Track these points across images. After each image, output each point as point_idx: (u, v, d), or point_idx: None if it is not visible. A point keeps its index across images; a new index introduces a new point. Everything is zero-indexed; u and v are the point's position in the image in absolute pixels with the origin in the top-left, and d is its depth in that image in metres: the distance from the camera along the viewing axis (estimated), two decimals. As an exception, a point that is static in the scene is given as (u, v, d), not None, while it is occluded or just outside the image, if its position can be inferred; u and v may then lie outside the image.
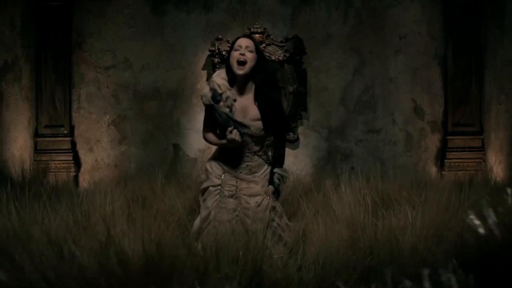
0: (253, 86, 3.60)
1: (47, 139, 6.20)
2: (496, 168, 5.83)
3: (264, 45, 6.12)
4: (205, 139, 3.78)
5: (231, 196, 3.54)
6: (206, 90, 3.57)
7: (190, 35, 6.28)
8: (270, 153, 3.66)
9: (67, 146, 6.20)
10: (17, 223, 3.04)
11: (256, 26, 6.12)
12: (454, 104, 6.29)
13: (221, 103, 3.48)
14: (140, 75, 6.28)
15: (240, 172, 3.57)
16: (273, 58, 6.13)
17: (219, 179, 3.58)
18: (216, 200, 3.55)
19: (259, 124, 3.54)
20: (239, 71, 3.53)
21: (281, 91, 3.74)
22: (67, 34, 6.20)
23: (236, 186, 3.55)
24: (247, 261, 2.61)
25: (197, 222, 3.63)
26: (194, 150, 6.34)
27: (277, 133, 3.65)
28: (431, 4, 6.32)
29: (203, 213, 3.56)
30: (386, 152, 6.38)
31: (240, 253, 2.63)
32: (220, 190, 3.55)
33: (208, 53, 6.21)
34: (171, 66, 6.30)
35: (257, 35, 6.10)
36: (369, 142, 6.37)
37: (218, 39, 6.13)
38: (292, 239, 3.48)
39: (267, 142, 3.64)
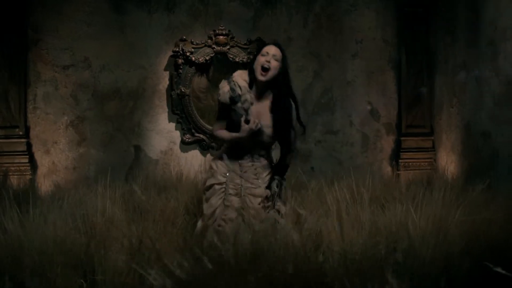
0: (271, 95, 3.64)
1: (1, 140, 5.90)
2: (448, 167, 6.19)
3: (228, 47, 6.16)
4: (216, 135, 3.76)
5: (236, 195, 3.57)
6: (226, 89, 3.58)
7: (151, 35, 6.20)
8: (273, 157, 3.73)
9: (22, 148, 5.93)
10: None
11: (221, 28, 6.14)
12: (407, 106, 6.61)
13: (239, 104, 3.49)
14: (100, 75, 6.13)
15: (245, 172, 3.60)
16: (237, 60, 6.18)
17: (224, 177, 3.60)
18: (221, 197, 3.57)
19: (269, 131, 3.60)
20: (261, 77, 3.57)
21: (297, 105, 3.75)
22: (22, 31, 5.93)
23: (241, 185, 3.58)
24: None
25: (200, 222, 3.63)
26: (155, 151, 6.27)
27: (285, 145, 3.68)
28: (385, 11, 6.60)
29: (209, 210, 3.56)
30: (343, 152, 6.59)
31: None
32: (225, 188, 3.57)
33: (171, 53, 6.17)
34: (132, 66, 6.18)
35: (221, 37, 6.13)
36: (328, 143, 6.56)
37: (182, 40, 6.10)
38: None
39: (273, 147, 3.71)
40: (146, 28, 6.19)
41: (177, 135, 6.30)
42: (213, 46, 6.13)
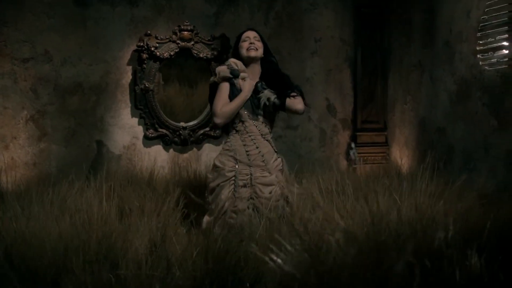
0: (259, 73, 3.94)
1: (-44, 136, 5.66)
2: (402, 160, 6.52)
3: (192, 42, 6.18)
4: (223, 112, 3.82)
5: (245, 186, 3.66)
6: (224, 67, 3.77)
7: (114, 29, 6.12)
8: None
9: (-21, 143, 5.72)
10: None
11: (186, 23, 6.15)
12: (362, 103, 6.89)
13: (240, 78, 3.68)
14: (61, 69, 5.98)
15: (254, 160, 3.70)
16: (201, 56, 6.22)
17: (232, 171, 3.68)
18: (230, 190, 3.64)
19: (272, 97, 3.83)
20: (253, 52, 3.87)
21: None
22: (-21, 22, 5.71)
23: (251, 175, 3.68)
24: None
25: (206, 218, 3.68)
26: (118, 146, 6.21)
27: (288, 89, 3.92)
28: (343, 10, 6.84)
29: (219, 204, 3.62)
30: (303, 147, 6.79)
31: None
32: (235, 181, 3.65)
33: (134, 48, 6.12)
34: (94, 60, 6.08)
35: (186, 32, 6.15)
36: (288, 138, 6.73)
37: (147, 35, 6.06)
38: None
39: (272, 126, 3.87)
40: (109, 21, 6.10)
41: (140, 130, 6.26)
42: (178, 41, 6.13)
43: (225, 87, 3.85)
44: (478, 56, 5.35)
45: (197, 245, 2.75)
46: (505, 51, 5.07)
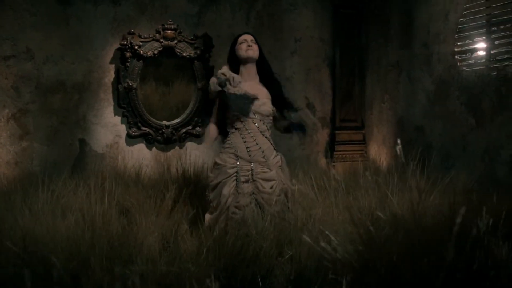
0: (256, 76, 4.03)
1: None
2: (380, 158, 6.70)
3: (175, 41, 6.22)
4: (208, 128, 4.08)
5: (247, 181, 3.74)
6: (213, 80, 3.90)
7: (97, 28, 6.10)
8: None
9: (-40, 142, 5.64)
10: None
11: (169, 22, 6.17)
12: (341, 102, 7.05)
13: (229, 86, 3.74)
14: (43, 67, 5.93)
15: (254, 156, 3.79)
16: (184, 55, 6.26)
17: (234, 167, 3.75)
18: (233, 187, 3.71)
19: (268, 102, 3.95)
20: (251, 54, 3.95)
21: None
22: (-41, 19, 5.62)
23: (252, 170, 3.76)
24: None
25: (208, 215, 3.73)
26: (101, 145, 6.19)
27: (286, 105, 4.08)
28: (322, 11, 6.98)
29: (222, 200, 3.68)
30: (282, 145, 6.86)
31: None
32: (237, 177, 3.73)
33: (117, 46, 6.11)
34: (77, 59, 6.05)
35: (169, 31, 6.17)
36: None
37: (130, 33, 6.06)
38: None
39: (271, 124, 3.96)
40: (92, 20, 6.08)
41: (122, 128, 6.27)
42: (161, 40, 6.16)
43: (216, 105, 4.02)
44: (456, 57, 5.56)
45: (207, 241, 2.82)
46: (483, 53, 5.28)
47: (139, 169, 5.77)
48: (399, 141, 2.78)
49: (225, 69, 3.98)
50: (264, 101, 3.94)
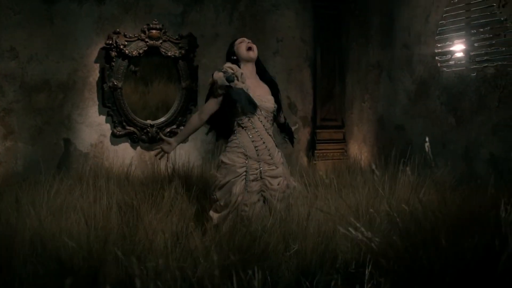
0: (256, 75, 4.14)
1: None
2: (361, 156, 6.86)
3: (161, 41, 6.25)
4: (188, 121, 4.18)
5: (255, 180, 3.82)
6: (220, 74, 3.91)
7: (82, 27, 6.09)
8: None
9: None
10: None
11: (155, 22, 6.20)
12: (321, 101, 7.19)
13: (237, 82, 3.82)
14: (27, 66, 5.89)
15: (262, 155, 3.87)
16: (169, 54, 6.30)
17: (243, 166, 3.82)
18: (242, 185, 3.78)
19: (271, 98, 4.05)
20: (252, 54, 4.09)
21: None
22: None
23: (260, 169, 3.84)
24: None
25: (214, 214, 3.79)
26: (86, 144, 6.18)
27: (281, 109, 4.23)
28: (303, 11, 7.10)
29: (232, 199, 3.74)
30: (265, 144, 6.98)
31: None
32: (246, 176, 3.79)
33: (102, 45, 6.11)
34: (61, 58, 6.03)
35: (154, 31, 6.20)
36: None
37: (115, 32, 6.07)
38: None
39: (273, 121, 4.12)
40: (76, 18, 6.06)
41: (107, 128, 6.27)
42: (146, 40, 6.18)
43: (214, 101, 4.05)
44: (437, 58, 5.75)
45: (216, 238, 2.89)
46: (462, 54, 5.48)
47: (129, 168, 5.78)
48: (427, 139, 2.87)
49: (230, 65, 4.02)
50: (268, 98, 4.05)
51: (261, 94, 4.03)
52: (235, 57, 4.15)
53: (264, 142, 3.94)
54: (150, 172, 5.83)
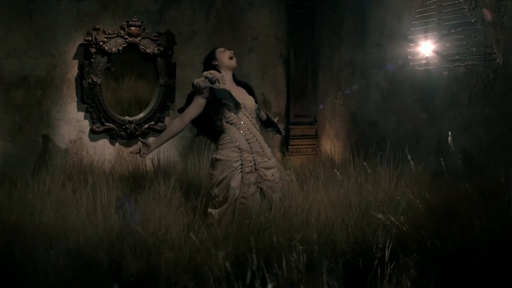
0: (233, 81, 4.42)
1: None
2: (334, 152, 7.09)
3: (140, 38, 6.29)
4: (172, 123, 4.41)
5: (250, 172, 3.98)
6: (200, 79, 4.22)
7: (60, 23, 6.06)
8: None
9: None
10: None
11: (134, 19, 6.24)
12: (294, 98, 7.38)
13: (217, 83, 4.13)
14: (5, 62, 5.82)
15: (254, 147, 4.06)
16: (148, 51, 6.35)
17: (238, 160, 3.96)
18: (239, 179, 3.91)
19: (251, 98, 4.34)
20: (234, 63, 4.43)
21: None
22: None
23: (254, 161, 4.00)
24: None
25: (214, 210, 3.90)
26: (65, 141, 6.17)
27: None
28: (277, 10, 7.27)
29: (231, 193, 3.86)
30: (241, 140, 7.13)
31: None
32: (242, 169, 3.93)
33: (81, 42, 6.10)
34: (40, 54, 5.99)
35: (133, 28, 6.24)
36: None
37: (95, 29, 6.07)
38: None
39: (257, 119, 4.35)
40: (55, 15, 6.03)
41: (86, 124, 6.27)
42: (126, 36, 6.21)
43: (197, 103, 4.22)
44: (409, 57, 6.01)
45: (222, 231, 3.02)
46: (434, 54, 5.75)
47: (113, 164, 5.82)
48: (449, 133, 3.07)
49: (210, 71, 4.31)
50: (248, 97, 4.32)
51: (240, 94, 4.31)
52: (216, 63, 4.41)
53: (254, 136, 4.13)
54: (132, 168, 5.88)
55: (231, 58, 4.45)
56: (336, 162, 6.66)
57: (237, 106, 4.09)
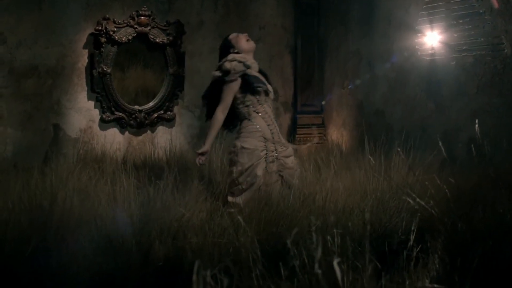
0: None
1: None
2: (342, 140, 7.16)
3: (149, 27, 6.33)
4: (214, 118, 4.19)
5: (273, 161, 4.07)
6: (234, 63, 4.18)
7: (70, 12, 6.08)
8: None
9: None
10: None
11: (144, 9, 6.27)
12: (301, 88, 7.44)
13: (250, 70, 4.20)
14: (16, 51, 5.85)
15: (275, 137, 4.14)
16: (157, 41, 6.39)
17: (264, 150, 4.03)
18: (263, 168, 3.99)
19: (271, 87, 4.37)
20: (253, 44, 4.45)
21: None
22: None
23: (275, 150, 4.08)
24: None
25: (237, 198, 3.96)
26: (75, 130, 6.22)
27: None
28: (284, 0, 7.31)
29: (256, 181, 3.93)
30: (248, 129, 7.19)
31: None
32: (266, 158, 4.00)
33: (90, 31, 6.13)
34: (50, 43, 6.02)
35: (143, 17, 6.27)
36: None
37: (105, 18, 6.10)
38: None
39: None
40: (65, 4, 6.05)
41: (96, 113, 6.32)
42: (135, 26, 6.25)
43: (232, 91, 4.18)
44: (417, 47, 6.06)
45: (245, 217, 3.09)
46: (442, 44, 5.81)
47: (125, 153, 5.88)
48: (476, 121, 3.14)
49: (236, 55, 4.29)
50: (269, 85, 4.34)
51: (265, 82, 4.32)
52: (235, 51, 4.36)
53: (274, 125, 4.19)
54: (143, 157, 5.94)
55: (247, 40, 4.42)
56: (343, 151, 6.72)
57: (267, 93, 4.15)
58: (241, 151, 4.09)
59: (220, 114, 4.24)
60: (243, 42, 4.38)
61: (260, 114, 4.18)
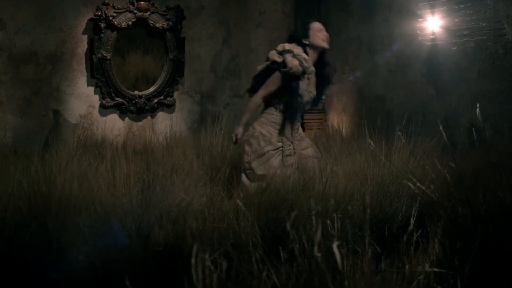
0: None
1: None
2: (342, 126, 7.14)
3: (149, 13, 6.30)
4: (253, 102, 4.24)
5: (290, 154, 4.11)
6: (295, 62, 4.04)
7: (69, -3, 6.08)
8: None
9: None
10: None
11: (143, -7, 6.25)
12: (302, 73, 7.39)
13: (306, 75, 4.09)
14: (15, 37, 5.83)
15: (294, 132, 4.20)
16: (157, 26, 6.36)
17: (280, 141, 4.06)
18: (280, 160, 4.05)
19: (313, 93, 4.30)
20: (327, 46, 4.26)
21: None
22: None
23: (292, 144, 4.14)
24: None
25: (252, 184, 3.96)
26: (75, 115, 6.21)
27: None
28: (285, -15, 7.27)
29: (271, 171, 3.93)
30: (251, 117, 7.16)
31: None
32: (282, 151, 4.05)
33: (90, 17, 6.11)
34: (49, 29, 6.00)
35: (142, 2, 6.24)
36: (235, 106, 7.09)
37: (104, 4, 6.07)
38: None
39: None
40: (64, -11, 6.04)
41: (96, 99, 6.31)
42: (135, 11, 6.22)
43: (279, 83, 4.12)
44: (418, 32, 6.03)
45: (246, 202, 3.09)
46: (443, 29, 5.77)
47: (125, 138, 5.87)
48: (477, 106, 3.12)
49: (304, 55, 4.14)
50: (313, 92, 4.31)
51: (310, 87, 4.26)
52: (307, 42, 4.23)
53: (296, 125, 4.19)
54: (143, 142, 5.94)
55: (323, 40, 4.26)
56: (343, 136, 6.71)
57: (298, 106, 4.14)
58: (259, 136, 4.14)
59: (260, 99, 4.26)
60: (320, 39, 4.24)
61: (286, 109, 4.17)
